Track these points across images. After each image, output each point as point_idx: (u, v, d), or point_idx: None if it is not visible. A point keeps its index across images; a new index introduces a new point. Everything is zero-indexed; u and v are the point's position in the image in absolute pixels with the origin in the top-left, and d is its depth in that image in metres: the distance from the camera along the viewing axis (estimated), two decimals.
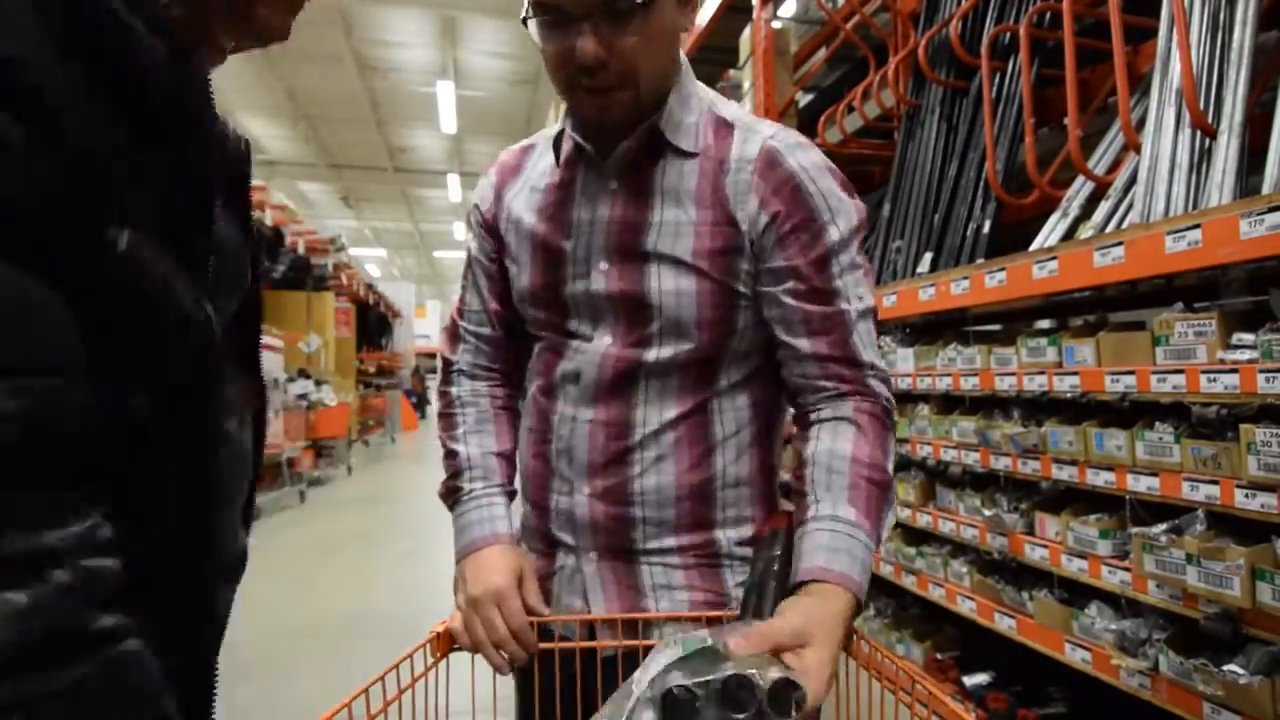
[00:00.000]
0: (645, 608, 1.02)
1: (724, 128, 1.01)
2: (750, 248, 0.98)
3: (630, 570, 1.03)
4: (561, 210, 1.03)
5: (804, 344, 0.98)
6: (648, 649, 0.87)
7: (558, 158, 1.05)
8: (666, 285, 0.98)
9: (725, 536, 1.03)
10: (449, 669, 0.94)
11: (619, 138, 0.98)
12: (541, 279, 1.04)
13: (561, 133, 1.04)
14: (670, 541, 1.02)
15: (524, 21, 0.92)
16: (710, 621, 0.96)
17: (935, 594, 2.42)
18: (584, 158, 1.03)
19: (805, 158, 0.98)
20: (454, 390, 1.14)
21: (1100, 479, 1.76)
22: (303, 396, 8.37)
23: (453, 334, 1.17)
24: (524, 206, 1.07)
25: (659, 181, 1.00)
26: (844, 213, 0.98)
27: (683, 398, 1.01)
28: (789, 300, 0.98)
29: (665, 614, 1.00)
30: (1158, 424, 1.63)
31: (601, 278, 1.00)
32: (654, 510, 1.01)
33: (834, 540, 0.90)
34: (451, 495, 1.09)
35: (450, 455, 1.11)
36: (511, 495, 1.11)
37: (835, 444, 0.95)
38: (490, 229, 1.11)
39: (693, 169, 0.99)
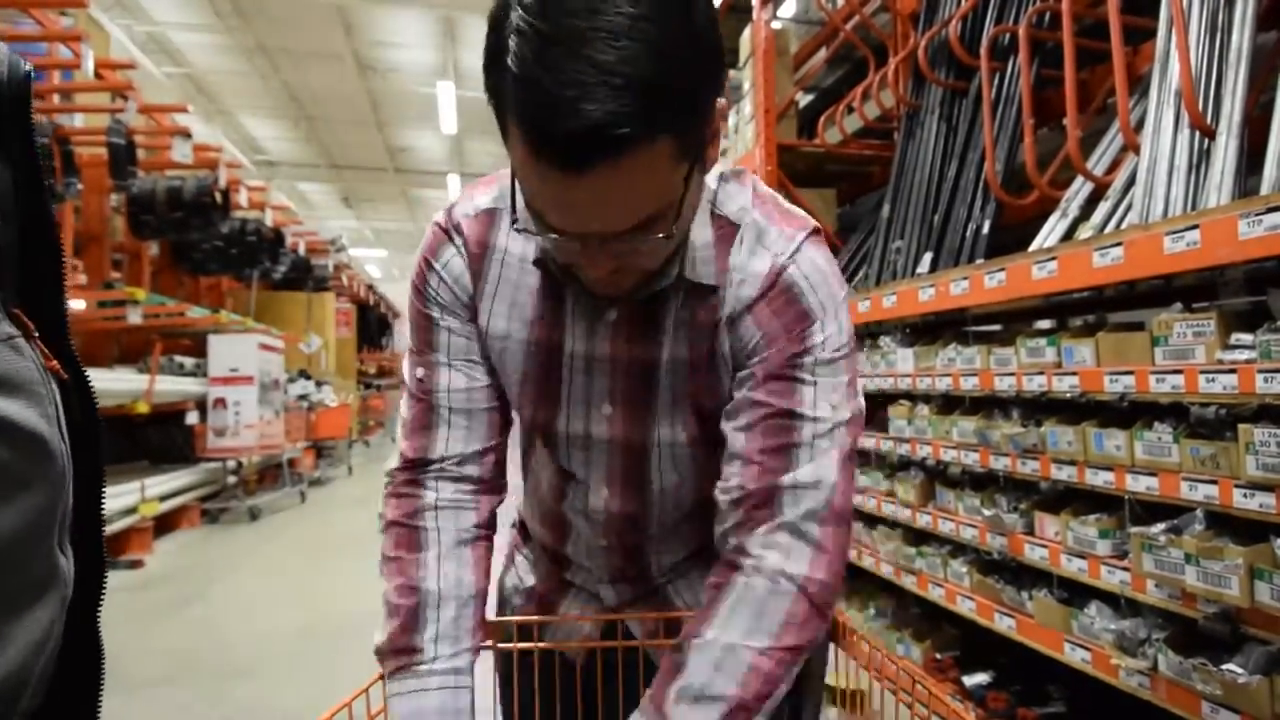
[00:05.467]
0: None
1: (726, 229, 0.85)
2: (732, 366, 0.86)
3: None
4: (553, 331, 0.87)
5: (739, 438, 0.82)
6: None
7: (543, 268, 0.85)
8: (664, 436, 0.89)
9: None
10: None
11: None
12: (530, 413, 0.91)
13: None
14: None
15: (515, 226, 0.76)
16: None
17: (935, 594, 2.42)
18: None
19: (817, 277, 0.83)
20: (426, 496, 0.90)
21: (1099, 479, 1.76)
22: (303, 397, 8.39)
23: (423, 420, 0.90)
24: (506, 314, 0.88)
25: (667, 314, 0.85)
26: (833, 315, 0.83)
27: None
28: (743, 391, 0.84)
29: (654, 613, 1.00)
30: (1156, 424, 1.63)
31: (604, 423, 0.89)
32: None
33: None
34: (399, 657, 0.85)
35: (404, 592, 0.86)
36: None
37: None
38: (469, 316, 0.89)
39: (703, 297, 0.84)
